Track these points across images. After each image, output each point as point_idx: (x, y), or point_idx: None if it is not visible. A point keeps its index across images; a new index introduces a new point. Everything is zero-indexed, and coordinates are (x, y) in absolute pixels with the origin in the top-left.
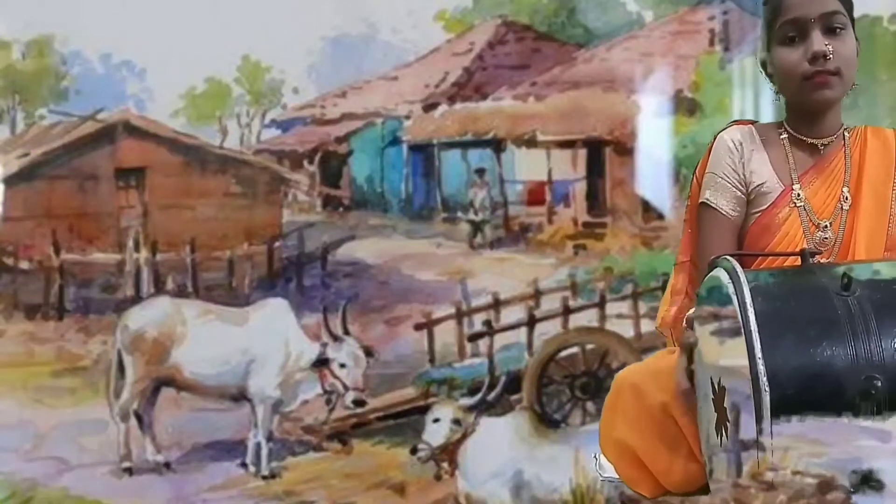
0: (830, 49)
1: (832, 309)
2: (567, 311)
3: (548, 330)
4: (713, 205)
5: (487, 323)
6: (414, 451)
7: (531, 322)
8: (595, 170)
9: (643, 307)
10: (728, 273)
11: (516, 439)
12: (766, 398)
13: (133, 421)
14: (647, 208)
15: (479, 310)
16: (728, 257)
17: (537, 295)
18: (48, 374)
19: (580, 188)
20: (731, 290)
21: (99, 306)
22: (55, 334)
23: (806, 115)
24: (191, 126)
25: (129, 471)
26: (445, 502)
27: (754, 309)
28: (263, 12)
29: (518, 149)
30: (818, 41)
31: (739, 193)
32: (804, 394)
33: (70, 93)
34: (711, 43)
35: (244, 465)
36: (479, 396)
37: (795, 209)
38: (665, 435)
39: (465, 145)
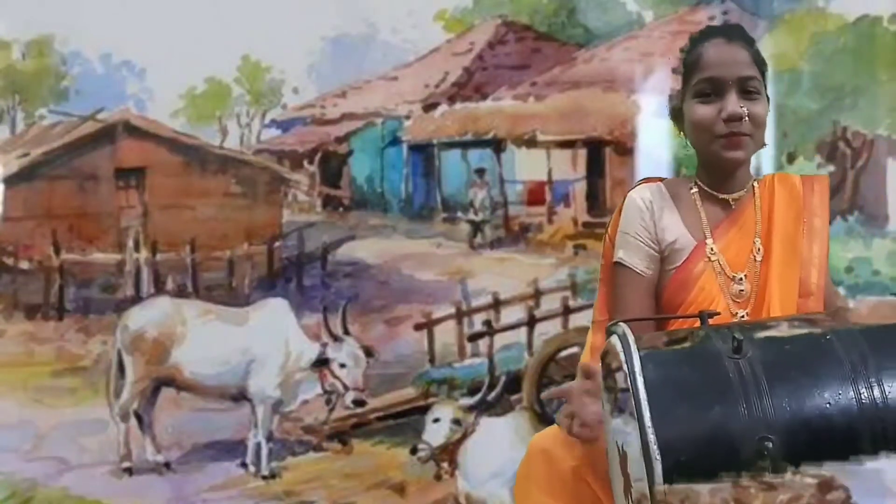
0: (746, 112)
1: (724, 373)
2: (567, 311)
3: (548, 330)
4: (627, 264)
5: (487, 323)
6: (414, 451)
7: (531, 322)
8: (595, 170)
9: None
10: (619, 340)
11: (516, 439)
12: (658, 467)
13: (133, 421)
14: None
15: (479, 310)
16: (621, 323)
17: (537, 295)
18: (48, 374)
19: (580, 188)
20: (622, 357)
21: (99, 306)
22: (55, 334)
23: (717, 171)
24: (191, 126)
25: (129, 471)
26: (445, 502)
27: (644, 377)
28: (263, 12)
29: (518, 149)
30: (734, 103)
31: (652, 251)
32: (699, 459)
33: (70, 93)
34: None
35: (244, 465)
36: (479, 396)
37: (710, 263)
38: (580, 500)
39: (465, 145)
